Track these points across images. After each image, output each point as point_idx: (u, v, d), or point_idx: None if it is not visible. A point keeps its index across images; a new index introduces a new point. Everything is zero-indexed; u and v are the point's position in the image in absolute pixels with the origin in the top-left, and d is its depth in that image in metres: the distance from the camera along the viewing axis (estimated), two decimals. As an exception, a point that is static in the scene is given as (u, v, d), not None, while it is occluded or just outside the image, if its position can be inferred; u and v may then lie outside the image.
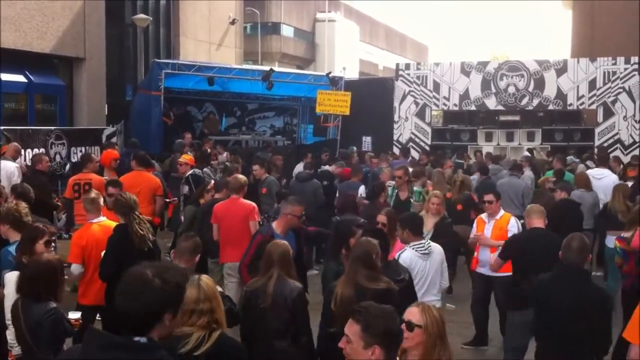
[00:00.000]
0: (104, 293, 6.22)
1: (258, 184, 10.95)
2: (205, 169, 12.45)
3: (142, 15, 21.41)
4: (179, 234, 9.08)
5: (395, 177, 9.73)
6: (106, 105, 19.71)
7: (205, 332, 3.78)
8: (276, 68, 23.75)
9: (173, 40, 27.24)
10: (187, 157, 11.97)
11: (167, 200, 10.74)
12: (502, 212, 7.71)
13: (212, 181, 9.97)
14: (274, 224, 6.89)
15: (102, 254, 6.22)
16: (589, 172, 11.58)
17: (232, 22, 31.50)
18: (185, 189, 11.09)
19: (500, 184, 11.51)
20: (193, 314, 3.79)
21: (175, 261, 4.91)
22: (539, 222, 6.45)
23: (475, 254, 7.73)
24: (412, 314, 3.64)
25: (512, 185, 11.32)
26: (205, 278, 4.04)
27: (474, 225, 7.88)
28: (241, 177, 8.56)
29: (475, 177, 12.43)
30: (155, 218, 9.75)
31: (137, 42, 22.86)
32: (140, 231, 6.17)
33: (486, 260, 7.44)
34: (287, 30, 51.30)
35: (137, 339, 2.55)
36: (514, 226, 7.41)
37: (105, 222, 6.62)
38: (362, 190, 10.72)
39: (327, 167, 13.70)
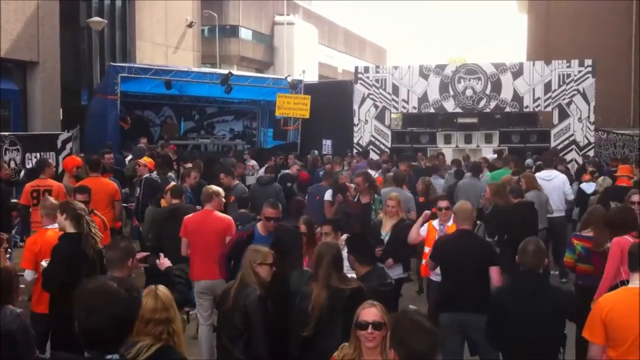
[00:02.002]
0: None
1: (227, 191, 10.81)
2: (169, 174, 12.26)
3: (97, 18, 21.08)
4: (146, 236, 9.01)
5: (355, 184, 9.73)
6: (61, 110, 19.35)
7: (150, 342, 3.69)
8: (235, 71, 23.64)
9: (129, 44, 26.91)
10: (147, 160, 11.80)
11: (126, 205, 10.57)
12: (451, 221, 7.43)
13: (172, 183, 9.81)
14: (259, 224, 6.85)
15: (45, 262, 5.89)
16: (538, 174, 11.74)
17: (190, 25, 31.28)
18: (137, 191, 10.94)
19: (461, 185, 11.62)
20: (149, 323, 3.71)
21: (109, 272, 4.74)
22: (465, 224, 6.36)
23: (424, 261, 7.53)
24: (373, 314, 3.84)
25: (473, 187, 11.41)
26: (162, 288, 3.96)
27: (425, 231, 7.71)
28: (212, 187, 7.99)
29: (440, 182, 12.51)
30: (116, 222, 9.61)
31: (93, 45, 22.49)
32: (93, 238, 5.99)
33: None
34: (245, 33, 51.03)
35: (109, 357, 2.43)
36: None
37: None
38: (328, 194, 10.68)
39: (287, 171, 13.63)
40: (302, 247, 6.29)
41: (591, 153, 18.04)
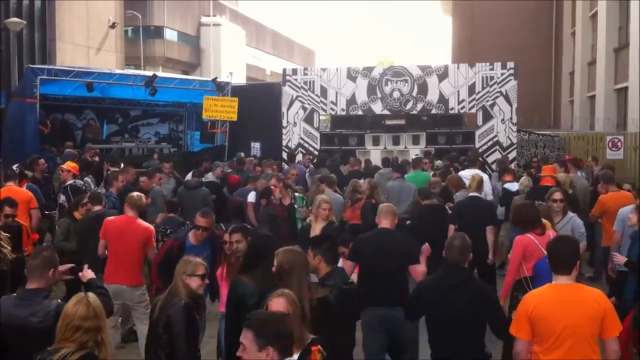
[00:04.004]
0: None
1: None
2: (86, 179, 11.86)
3: (15, 19, 20.34)
4: (60, 247, 8.65)
5: (273, 187, 9.66)
6: (-23, 114, 18.44)
7: (73, 349, 3.65)
8: (160, 73, 23.20)
9: (49, 45, 26.08)
10: (70, 165, 11.37)
11: (47, 212, 10.18)
12: None
13: (88, 193, 9.46)
14: (190, 233, 6.87)
15: None
16: (461, 173, 11.98)
17: (112, 26, 30.57)
18: (62, 198, 10.56)
19: (391, 186, 11.71)
20: (78, 330, 3.69)
21: (28, 282, 4.60)
22: (386, 223, 6.42)
23: None
24: (280, 304, 4.01)
25: (404, 188, 11.51)
26: (93, 296, 3.93)
27: None
28: (137, 194, 8.05)
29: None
30: (33, 234, 9.19)
31: (11, 46, 21.66)
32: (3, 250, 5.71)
33: None
34: (170, 34, 50.19)
35: None
36: None
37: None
38: (251, 196, 10.55)
39: (209, 176, 13.39)
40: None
41: (513, 154, 18.50)
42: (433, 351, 5.30)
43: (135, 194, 7.98)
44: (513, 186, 11.68)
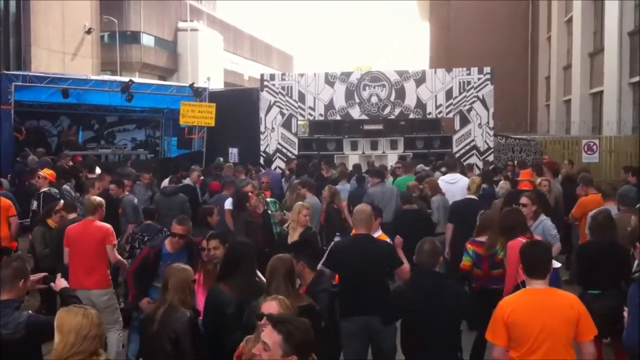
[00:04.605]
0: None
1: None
2: (64, 186, 11.71)
3: (-12, 24, 19.98)
4: (41, 256, 8.58)
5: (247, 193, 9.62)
6: (-51, 121, 18.16)
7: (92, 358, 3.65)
8: (136, 79, 23.01)
9: (24, 51, 25.80)
10: (47, 172, 11.24)
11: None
12: (379, 232, 7.38)
13: (61, 201, 9.33)
14: (167, 241, 6.78)
15: None
16: (443, 177, 12.00)
17: (88, 32, 30.30)
18: (34, 204, 10.41)
19: (373, 192, 11.66)
20: (85, 340, 3.68)
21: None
22: (362, 229, 6.32)
23: None
24: (272, 307, 3.99)
25: (385, 193, 11.50)
26: (91, 309, 3.91)
27: None
28: (95, 197, 8.03)
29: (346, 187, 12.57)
30: (12, 242, 9.09)
31: (-16, 52, 21.36)
32: None
33: None
34: (147, 40, 49.88)
35: None
36: None
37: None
38: (228, 202, 10.48)
39: (187, 180, 13.28)
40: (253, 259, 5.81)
41: (491, 158, 18.61)
42: (406, 354, 5.31)
43: (93, 198, 7.96)
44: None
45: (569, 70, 29.71)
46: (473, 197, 10.00)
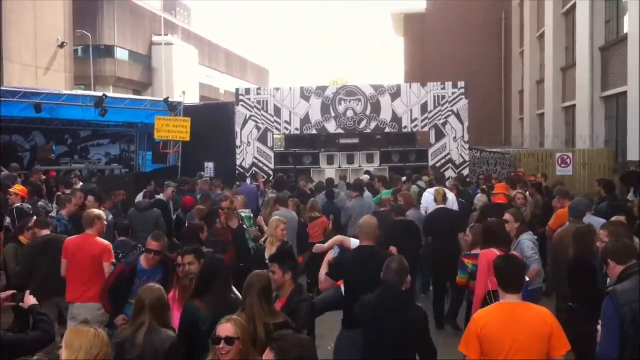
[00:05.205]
0: None
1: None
2: (40, 203, 11.51)
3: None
4: (13, 273, 8.42)
5: (222, 209, 9.50)
6: None
7: None
8: (110, 94, 22.88)
9: (-5, 64, 25.40)
10: (18, 188, 11.07)
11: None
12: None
13: (34, 218, 9.15)
14: (142, 257, 6.70)
15: None
16: (429, 191, 12.01)
17: (61, 46, 30.03)
18: (7, 220, 10.22)
19: (352, 206, 11.68)
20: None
21: None
22: (367, 241, 6.36)
23: None
24: (227, 329, 4.03)
25: (363, 207, 11.53)
26: (101, 329, 3.83)
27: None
28: (94, 210, 8.05)
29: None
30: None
31: (-46, 66, 21.04)
32: None
33: None
34: (121, 54, 49.58)
35: None
36: None
37: None
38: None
39: (160, 196, 13.15)
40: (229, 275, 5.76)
41: (466, 171, 18.72)
42: None
43: (92, 211, 7.96)
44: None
45: (542, 85, 30.11)
46: (442, 206, 10.23)
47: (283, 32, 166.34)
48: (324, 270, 6.55)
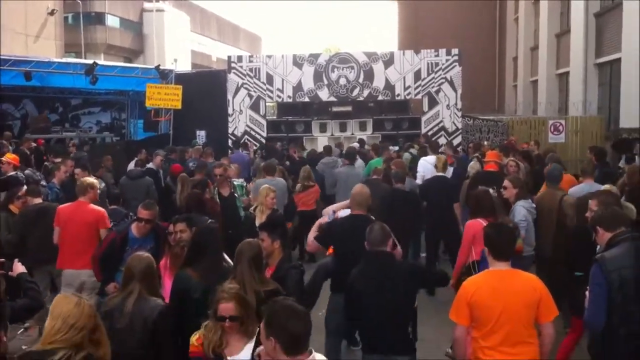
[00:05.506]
0: None
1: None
2: (27, 172, 11.45)
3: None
4: (5, 242, 8.41)
5: (216, 175, 9.49)
6: None
7: (72, 350, 3.49)
8: (101, 61, 22.70)
9: (-16, 32, 25.10)
10: (10, 157, 11.03)
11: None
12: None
13: (24, 186, 9.12)
14: (133, 226, 6.73)
15: None
16: (425, 158, 12.02)
17: (51, 13, 29.69)
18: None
19: (338, 173, 11.72)
20: (70, 329, 3.53)
21: None
22: (359, 209, 6.44)
23: None
24: (230, 309, 4.14)
25: (350, 175, 11.53)
26: (88, 299, 3.78)
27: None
28: (86, 179, 8.07)
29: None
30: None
31: (-57, 35, 20.79)
32: None
33: None
34: (112, 21, 49.04)
35: None
36: None
37: None
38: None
39: (150, 164, 13.11)
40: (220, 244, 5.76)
41: (459, 139, 18.70)
42: (362, 342, 5.39)
43: (85, 179, 7.99)
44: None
45: (536, 51, 29.94)
46: (442, 174, 10.32)
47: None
48: (312, 233, 6.63)
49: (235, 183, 9.70)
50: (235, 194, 9.28)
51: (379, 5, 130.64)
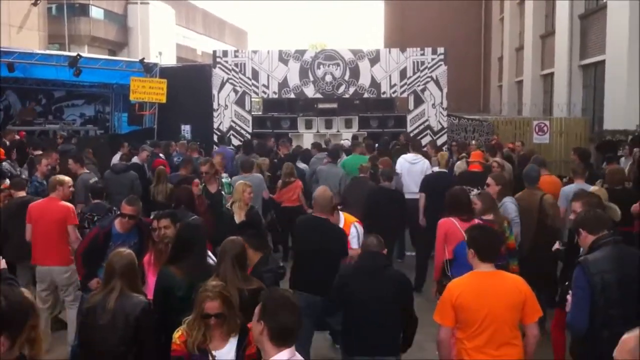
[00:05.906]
0: None
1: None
2: (4, 163, 11.34)
3: None
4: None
5: (203, 173, 9.45)
6: None
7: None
8: (85, 53, 22.50)
9: (-34, 22, 24.78)
10: None
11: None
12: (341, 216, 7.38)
13: (7, 179, 9.03)
14: (116, 221, 6.68)
15: None
16: (404, 157, 12.02)
17: (35, 3, 29.39)
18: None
19: (319, 171, 11.70)
20: None
21: None
22: (320, 213, 6.52)
23: None
24: (215, 307, 4.15)
25: (330, 173, 11.53)
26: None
27: None
28: (58, 176, 8.02)
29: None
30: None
31: None
32: None
33: None
34: (96, 12, 48.57)
35: None
36: (354, 236, 7.13)
37: None
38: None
39: (135, 159, 13.03)
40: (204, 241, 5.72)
41: (444, 138, 18.75)
42: (345, 342, 5.37)
43: (55, 176, 7.96)
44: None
45: (521, 52, 30.11)
46: (444, 170, 10.73)
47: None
48: None
49: (223, 180, 9.67)
50: (222, 192, 9.25)
51: (365, 4, 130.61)
